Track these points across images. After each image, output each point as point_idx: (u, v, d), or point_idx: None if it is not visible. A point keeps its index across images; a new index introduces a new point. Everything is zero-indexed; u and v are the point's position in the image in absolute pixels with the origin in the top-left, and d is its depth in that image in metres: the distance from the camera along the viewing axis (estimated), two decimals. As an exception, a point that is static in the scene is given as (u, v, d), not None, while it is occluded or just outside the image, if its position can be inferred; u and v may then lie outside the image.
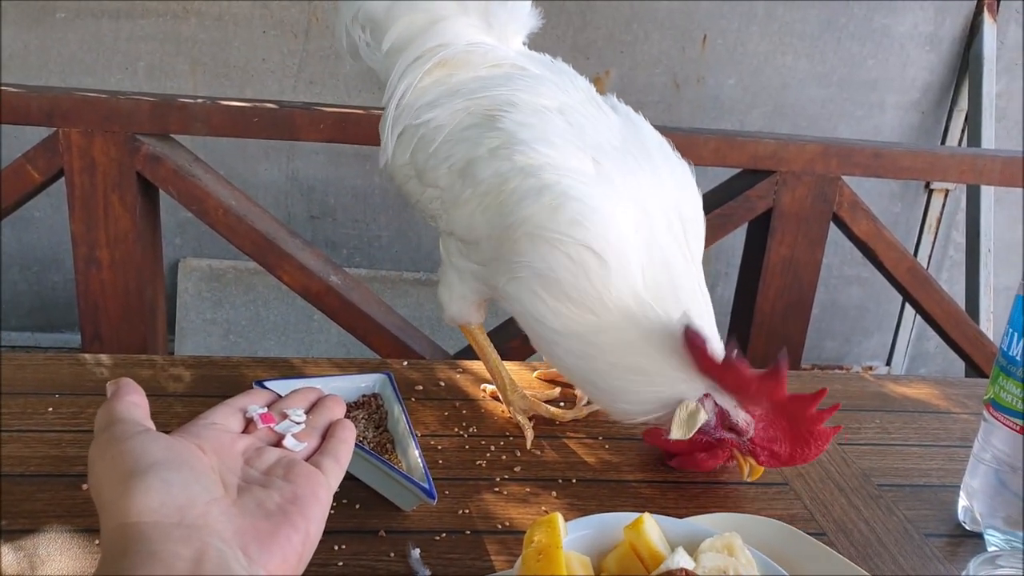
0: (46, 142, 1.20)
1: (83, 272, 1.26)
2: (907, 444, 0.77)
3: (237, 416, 0.50)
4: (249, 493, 0.43)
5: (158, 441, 0.42)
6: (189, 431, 0.46)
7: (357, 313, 1.34)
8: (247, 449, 0.48)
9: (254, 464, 0.46)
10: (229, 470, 0.45)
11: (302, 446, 0.49)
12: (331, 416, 0.54)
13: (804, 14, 2.28)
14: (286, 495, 0.44)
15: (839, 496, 0.68)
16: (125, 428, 0.43)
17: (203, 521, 0.39)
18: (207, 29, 2.11)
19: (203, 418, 0.49)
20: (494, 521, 0.61)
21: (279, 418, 0.52)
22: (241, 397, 0.53)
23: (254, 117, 1.25)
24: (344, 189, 2.30)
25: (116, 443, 0.42)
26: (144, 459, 0.41)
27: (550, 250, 0.62)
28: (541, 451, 0.71)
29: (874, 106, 2.40)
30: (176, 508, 0.39)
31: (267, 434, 0.50)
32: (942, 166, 1.41)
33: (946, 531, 0.64)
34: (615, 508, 0.63)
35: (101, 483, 0.41)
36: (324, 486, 0.46)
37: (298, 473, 0.46)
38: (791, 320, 1.46)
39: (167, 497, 0.39)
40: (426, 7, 0.74)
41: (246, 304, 2.26)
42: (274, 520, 0.42)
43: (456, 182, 0.68)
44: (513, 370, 0.82)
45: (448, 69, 0.72)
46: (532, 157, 0.63)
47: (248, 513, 0.41)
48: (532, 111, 0.66)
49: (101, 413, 0.45)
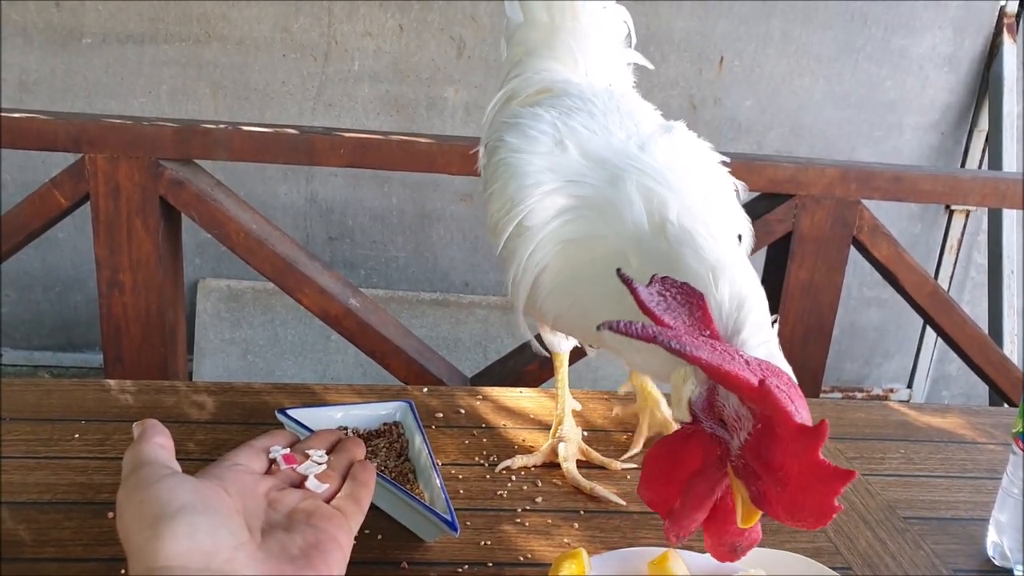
0: (72, 168, 1.22)
1: (106, 295, 1.27)
2: (933, 475, 0.76)
3: (260, 457, 0.51)
4: (272, 537, 0.44)
5: (185, 484, 0.43)
6: (213, 473, 0.47)
7: (376, 336, 1.35)
8: (270, 490, 0.48)
9: (277, 506, 0.47)
10: (253, 513, 0.45)
11: (324, 487, 0.50)
12: (351, 457, 0.54)
13: (821, 36, 2.28)
14: (309, 540, 0.44)
15: (864, 529, 0.67)
16: (152, 471, 0.44)
17: (230, 568, 0.40)
18: (228, 53, 2.15)
19: (227, 459, 0.49)
20: (516, 553, 0.61)
21: (301, 459, 0.52)
22: (264, 437, 0.53)
23: (275, 142, 1.27)
24: (362, 211, 2.32)
25: (144, 487, 0.42)
26: (171, 504, 0.41)
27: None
28: (562, 482, 0.70)
29: (893, 127, 2.39)
30: (203, 554, 0.40)
31: (290, 475, 0.51)
32: (963, 190, 1.40)
33: (975, 567, 0.63)
34: (638, 541, 0.63)
35: (129, 527, 0.41)
36: (345, 530, 0.46)
37: (320, 517, 0.46)
38: (811, 345, 1.44)
39: (194, 543, 0.40)
40: (522, 40, 0.81)
41: (264, 324, 2.28)
42: (297, 565, 0.42)
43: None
44: (590, 402, 0.82)
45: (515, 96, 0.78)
46: (505, 151, 0.65)
47: (272, 558, 0.42)
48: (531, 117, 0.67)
49: (128, 456, 0.45)
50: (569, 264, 0.61)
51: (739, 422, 0.47)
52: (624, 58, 0.82)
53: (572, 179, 0.61)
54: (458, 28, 2.19)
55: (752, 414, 0.46)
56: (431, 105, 2.25)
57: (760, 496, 0.46)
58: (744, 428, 0.46)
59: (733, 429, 0.47)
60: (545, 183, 0.61)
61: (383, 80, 2.22)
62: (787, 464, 0.44)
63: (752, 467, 0.46)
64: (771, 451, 0.45)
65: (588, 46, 0.79)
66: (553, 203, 0.61)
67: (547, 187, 0.61)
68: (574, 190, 0.61)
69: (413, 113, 2.25)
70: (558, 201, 0.61)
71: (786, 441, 0.44)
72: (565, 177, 0.61)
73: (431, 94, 2.24)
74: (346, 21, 2.17)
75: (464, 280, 2.43)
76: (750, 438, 0.46)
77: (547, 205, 0.61)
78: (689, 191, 0.58)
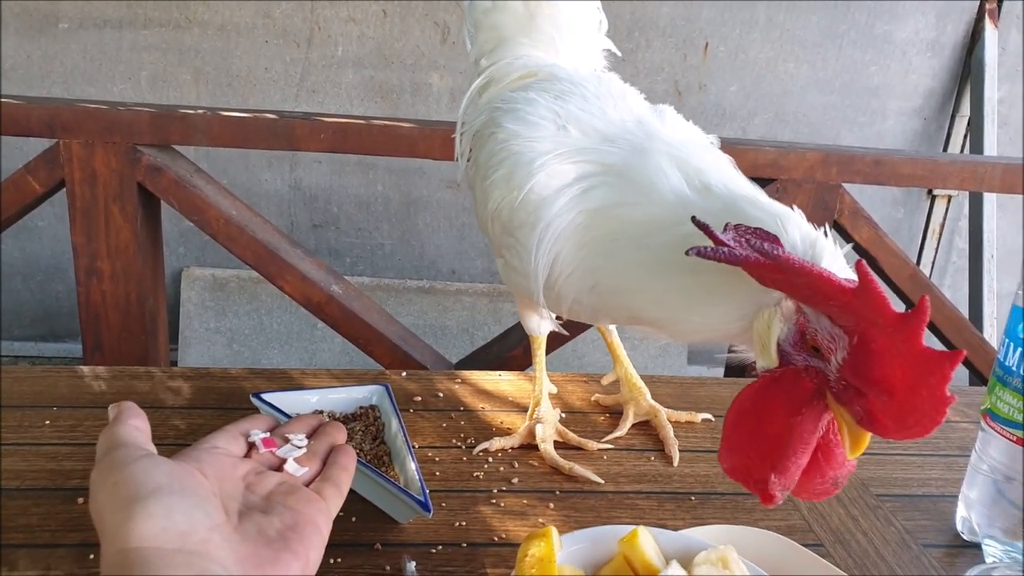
0: (47, 153, 1.21)
1: (84, 283, 1.26)
2: (907, 453, 0.76)
3: (239, 440, 0.51)
4: (250, 519, 0.43)
5: (160, 466, 0.43)
6: (191, 455, 0.46)
7: (359, 323, 1.34)
8: (248, 473, 0.48)
9: (255, 489, 0.47)
10: (230, 495, 0.45)
11: (303, 471, 0.50)
12: (332, 441, 0.54)
13: (805, 21, 2.28)
14: (287, 521, 0.44)
15: (837, 506, 0.67)
16: (127, 453, 0.43)
17: (205, 548, 0.40)
18: (210, 39, 2.13)
19: (205, 442, 0.49)
20: (490, 534, 0.61)
21: (281, 442, 0.52)
22: (243, 422, 0.53)
23: (254, 127, 1.26)
24: (347, 198, 2.31)
25: (118, 468, 0.42)
26: (146, 485, 0.41)
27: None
28: (539, 463, 0.70)
29: (876, 112, 2.40)
30: (178, 534, 0.39)
31: (269, 458, 0.50)
32: (942, 173, 1.41)
33: (944, 541, 0.63)
34: (612, 520, 0.63)
35: (103, 508, 0.41)
36: (324, 513, 0.46)
37: (299, 499, 0.46)
38: (792, 328, 1.45)
39: (169, 523, 0.39)
40: (495, 25, 0.78)
41: (249, 313, 2.27)
42: (274, 547, 0.42)
43: (475, 179, 0.70)
44: (568, 385, 0.82)
45: (494, 81, 0.77)
46: (503, 134, 0.64)
47: (249, 540, 0.42)
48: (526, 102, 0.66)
49: (103, 437, 0.45)
50: (594, 236, 0.56)
51: (833, 342, 0.46)
52: (600, 44, 0.82)
53: (586, 150, 0.59)
54: (442, 14, 2.17)
55: (845, 331, 0.45)
56: (416, 91, 2.24)
57: (866, 415, 0.44)
58: (840, 347, 0.45)
59: (828, 352, 0.46)
60: (555, 160, 0.59)
61: (367, 66, 2.20)
62: (890, 367, 0.43)
63: (853, 386, 0.44)
64: (871, 360, 0.43)
65: (567, 32, 0.78)
66: (569, 170, 0.58)
67: (559, 154, 0.59)
68: (593, 156, 0.58)
69: (397, 99, 2.24)
70: (574, 169, 0.58)
71: (886, 339, 0.43)
72: (577, 151, 0.59)
73: (415, 80, 2.23)
74: (329, 6, 2.15)
75: (451, 268, 2.42)
76: (847, 357, 0.45)
77: (562, 171, 0.58)
78: (715, 161, 0.57)
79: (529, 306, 0.74)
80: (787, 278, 0.46)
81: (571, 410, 0.80)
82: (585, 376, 0.87)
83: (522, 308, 0.75)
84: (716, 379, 0.90)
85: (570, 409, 0.80)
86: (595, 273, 0.58)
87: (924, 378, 0.42)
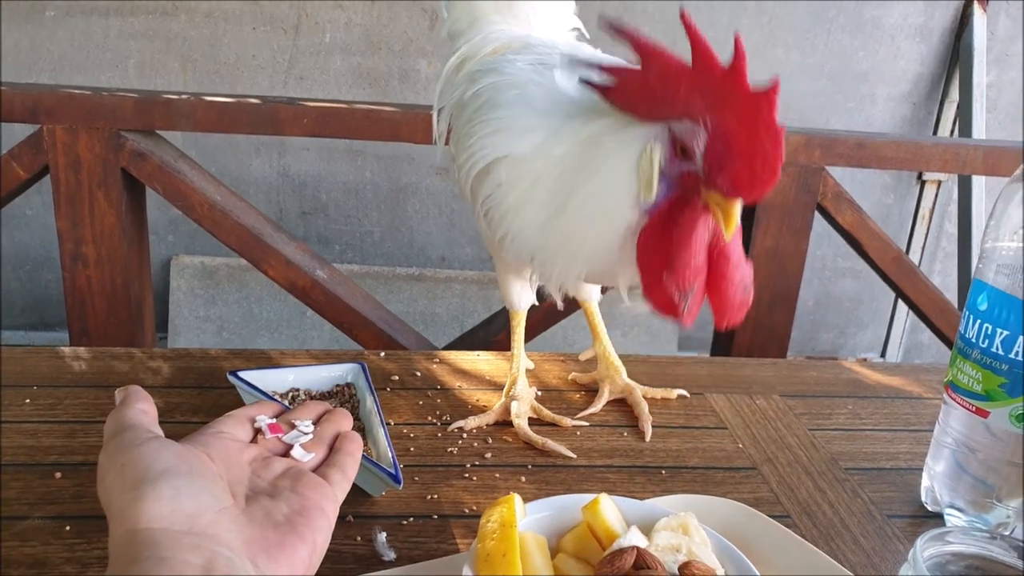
0: (30, 139, 1.21)
1: (69, 269, 1.27)
2: (877, 429, 0.77)
3: (245, 426, 0.51)
4: (257, 503, 0.44)
5: (168, 449, 0.43)
6: (197, 439, 0.47)
7: (343, 307, 1.35)
8: (255, 459, 0.48)
9: (261, 474, 0.47)
10: (237, 479, 0.45)
11: (310, 456, 0.50)
12: (338, 428, 0.54)
13: (794, 6, 2.28)
14: (294, 506, 0.44)
15: (806, 479, 0.68)
16: (135, 435, 0.43)
17: (213, 530, 0.40)
18: (197, 26, 2.12)
19: (211, 427, 0.49)
20: (461, 506, 0.62)
21: (287, 428, 0.52)
22: (250, 407, 0.53)
23: (238, 112, 1.26)
24: (336, 185, 2.31)
25: (126, 450, 0.42)
26: (155, 466, 0.41)
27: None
28: (513, 439, 0.71)
29: (865, 98, 2.40)
30: (186, 516, 0.39)
31: (275, 444, 0.50)
32: (925, 156, 1.42)
33: (909, 512, 0.64)
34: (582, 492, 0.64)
35: (111, 489, 0.41)
36: (331, 498, 0.46)
37: (305, 484, 0.46)
38: (777, 311, 1.46)
39: (177, 505, 0.40)
40: (469, 3, 0.78)
41: (239, 301, 2.27)
42: (282, 531, 0.42)
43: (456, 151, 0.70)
44: (545, 363, 0.82)
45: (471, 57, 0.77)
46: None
47: (256, 523, 0.42)
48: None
49: (110, 420, 0.45)
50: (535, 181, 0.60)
51: (694, 136, 0.51)
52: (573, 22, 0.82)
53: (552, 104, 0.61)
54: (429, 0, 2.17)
55: (699, 123, 0.51)
56: (404, 77, 2.24)
57: (725, 181, 0.50)
58: (700, 139, 0.51)
59: (693, 150, 0.52)
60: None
61: (355, 52, 2.20)
62: (729, 121, 0.49)
63: (713, 164, 0.51)
64: (717, 130, 0.50)
65: (540, 7, 0.79)
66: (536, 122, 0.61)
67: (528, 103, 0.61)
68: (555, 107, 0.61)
69: (386, 85, 2.24)
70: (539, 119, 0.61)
71: (719, 99, 0.50)
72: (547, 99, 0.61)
73: (403, 66, 2.23)
74: (316, -7, 2.14)
75: (440, 255, 2.43)
76: (706, 144, 0.51)
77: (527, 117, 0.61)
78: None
79: (509, 272, 0.74)
80: (645, 78, 0.53)
81: (547, 388, 0.81)
82: (563, 355, 0.88)
83: (502, 277, 0.75)
84: (692, 358, 0.91)
85: (546, 387, 0.81)
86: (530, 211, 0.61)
87: (757, 115, 0.49)
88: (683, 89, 0.51)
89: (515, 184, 0.60)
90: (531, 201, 0.60)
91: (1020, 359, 0.55)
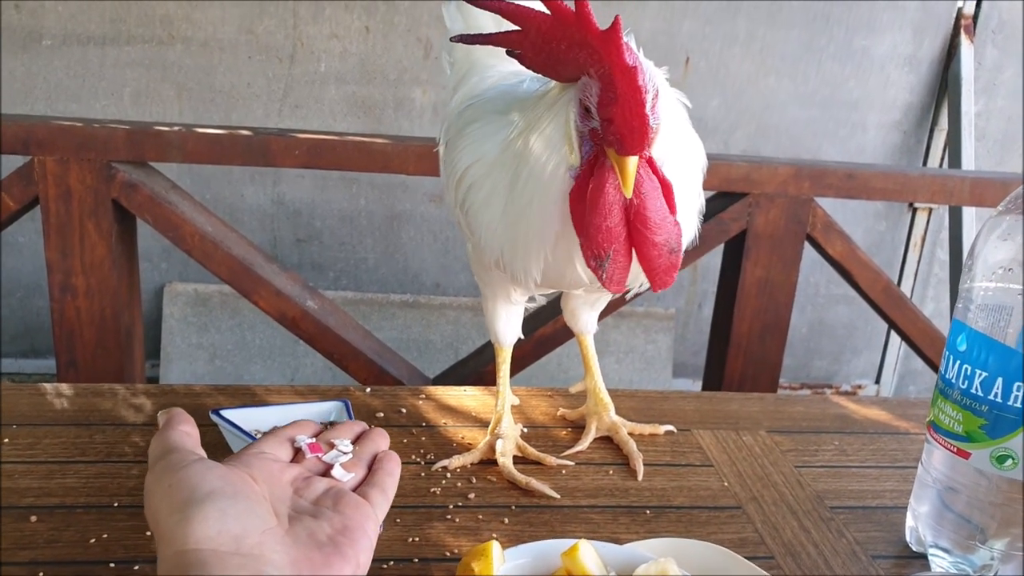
0: (21, 170, 1.21)
1: (58, 300, 1.26)
2: (864, 466, 0.77)
3: (286, 446, 0.52)
4: (300, 523, 0.44)
5: (213, 470, 0.44)
6: (240, 460, 0.47)
7: (334, 338, 1.34)
8: (296, 478, 0.49)
9: (303, 494, 0.47)
10: (280, 499, 0.46)
11: (350, 476, 0.51)
12: (376, 448, 0.55)
13: (785, 35, 2.31)
14: (336, 526, 0.45)
15: (791, 519, 0.68)
16: (180, 457, 0.44)
17: (259, 550, 0.40)
18: (193, 55, 2.14)
19: (253, 447, 0.50)
20: (443, 549, 0.61)
21: (326, 448, 0.53)
22: (290, 427, 0.54)
23: (230, 144, 1.27)
24: (330, 212, 2.32)
25: (172, 471, 0.43)
26: (201, 488, 0.42)
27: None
28: (497, 478, 0.71)
29: (856, 126, 2.42)
30: (232, 537, 0.40)
31: (315, 464, 0.51)
32: (913, 187, 1.43)
33: (894, 552, 0.64)
34: (565, 534, 0.64)
35: (158, 511, 0.42)
36: (372, 518, 0.47)
37: (347, 504, 0.47)
38: (768, 341, 1.46)
39: (223, 526, 0.40)
40: (467, 50, 0.79)
41: (232, 328, 2.26)
42: (325, 551, 0.43)
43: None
44: (532, 399, 0.82)
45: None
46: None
47: (301, 543, 0.42)
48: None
49: (155, 443, 0.46)
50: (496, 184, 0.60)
51: (589, 91, 0.52)
52: None
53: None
54: (424, 29, 2.19)
55: (592, 76, 0.52)
56: (398, 106, 2.25)
57: (614, 134, 0.51)
58: (593, 94, 0.52)
59: (590, 105, 0.53)
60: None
61: (350, 81, 2.22)
62: (612, 81, 0.50)
63: (607, 119, 0.51)
64: (604, 87, 0.51)
65: None
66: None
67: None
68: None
69: (380, 114, 2.26)
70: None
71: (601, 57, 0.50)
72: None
73: (398, 95, 2.24)
74: (312, 23, 2.17)
75: (435, 281, 2.43)
76: (598, 97, 0.52)
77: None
78: None
79: (497, 299, 0.74)
80: (532, 41, 0.53)
81: (534, 424, 0.81)
82: (550, 390, 0.88)
83: (489, 305, 0.75)
84: (680, 392, 0.90)
85: (533, 424, 0.81)
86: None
87: (632, 83, 0.49)
88: (563, 45, 0.52)
89: (482, 184, 0.62)
90: (493, 194, 0.60)
91: (1000, 401, 0.54)
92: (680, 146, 0.59)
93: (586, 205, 0.53)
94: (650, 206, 0.53)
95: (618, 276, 0.55)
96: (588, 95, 0.53)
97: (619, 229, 0.53)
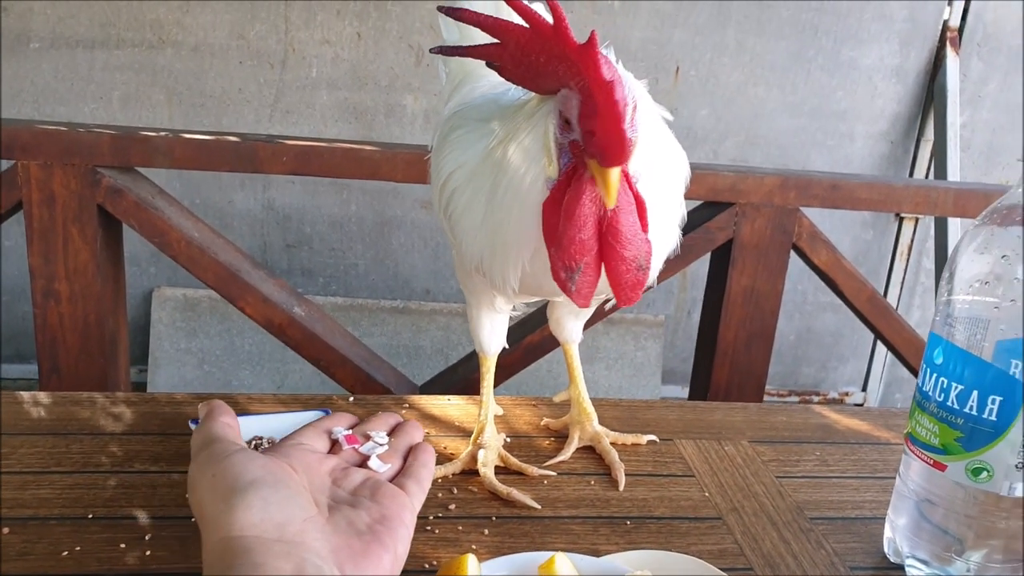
0: (5, 175, 1.21)
1: (41, 305, 1.26)
2: (844, 476, 0.77)
3: (323, 437, 0.53)
4: (339, 512, 0.45)
5: (255, 460, 0.45)
6: (279, 451, 0.48)
7: (321, 345, 1.34)
8: (334, 469, 0.50)
9: (341, 484, 0.49)
10: (319, 489, 0.47)
11: (386, 467, 0.52)
12: (411, 440, 0.56)
13: (774, 46, 2.32)
14: (374, 515, 0.46)
15: (771, 530, 0.68)
16: (223, 447, 0.46)
17: (300, 538, 0.41)
18: (183, 59, 2.14)
19: (291, 438, 0.51)
20: (422, 560, 0.61)
21: (363, 440, 0.54)
22: (326, 419, 0.56)
23: (217, 150, 1.26)
24: (320, 218, 2.31)
25: (216, 461, 0.44)
26: (244, 477, 0.43)
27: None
28: (478, 488, 0.71)
29: (844, 136, 2.44)
30: (275, 525, 0.41)
31: (352, 455, 0.52)
32: (897, 198, 1.44)
33: (872, 564, 0.64)
34: (545, 546, 0.63)
35: (203, 500, 0.43)
36: (409, 508, 0.48)
37: (384, 494, 0.48)
38: (754, 350, 1.47)
39: (266, 514, 0.41)
40: (460, 62, 0.79)
41: (220, 333, 2.26)
42: (365, 539, 0.44)
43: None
44: (516, 408, 0.81)
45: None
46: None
47: (341, 531, 0.43)
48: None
49: (198, 434, 0.48)
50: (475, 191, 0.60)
51: (569, 103, 0.52)
52: None
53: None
54: (416, 36, 2.19)
55: (573, 90, 0.52)
56: (390, 112, 2.26)
57: (596, 146, 0.50)
58: (574, 106, 0.52)
59: (571, 117, 0.52)
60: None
61: (341, 87, 2.22)
62: (594, 94, 0.49)
63: (588, 130, 0.50)
64: (584, 97, 0.50)
65: None
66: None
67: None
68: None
69: (372, 120, 2.26)
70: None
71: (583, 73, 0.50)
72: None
73: (390, 101, 2.25)
74: (303, 28, 2.17)
75: (425, 287, 2.43)
76: (579, 110, 0.51)
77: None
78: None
79: (481, 306, 0.74)
80: (511, 53, 0.53)
81: (517, 434, 0.81)
82: (534, 400, 0.88)
83: (473, 313, 0.75)
84: (664, 402, 0.91)
85: (516, 433, 0.81)
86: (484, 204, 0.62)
87: (610, 97, 0.48)
88: (542, 58, 0.52)
89: (464, 189, 0.62)
90: (474, 200, 0.61)
91: (975, 414, 0.55)
92: (659, 159, 0.59)
93: (561, 216, 0.53)
94: (623, 221, 0.53)
95: (586, 290, 0.54)
96: (568, 107, 0.53)
97: (592, 242, 0.53)
